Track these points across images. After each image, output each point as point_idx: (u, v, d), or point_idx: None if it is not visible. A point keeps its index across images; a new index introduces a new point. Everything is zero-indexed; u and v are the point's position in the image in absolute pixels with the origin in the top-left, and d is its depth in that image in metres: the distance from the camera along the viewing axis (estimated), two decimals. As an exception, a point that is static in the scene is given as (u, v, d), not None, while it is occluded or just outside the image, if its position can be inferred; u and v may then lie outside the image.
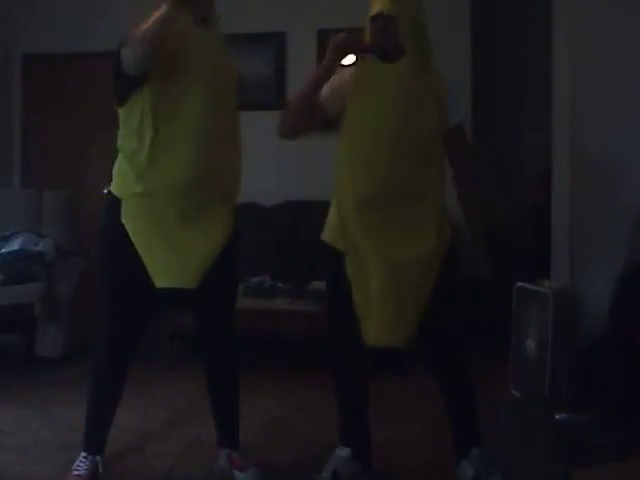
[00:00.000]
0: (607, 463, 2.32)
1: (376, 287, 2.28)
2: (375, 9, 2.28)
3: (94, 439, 2.47)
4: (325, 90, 2.39)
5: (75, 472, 2.41)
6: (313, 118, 2.38)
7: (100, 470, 2.44)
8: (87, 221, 4.64)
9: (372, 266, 2.29)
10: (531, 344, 3.40)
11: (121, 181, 2.32)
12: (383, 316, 2.28)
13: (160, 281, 2.25)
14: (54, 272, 4.10)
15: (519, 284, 3.56)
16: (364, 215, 2.30)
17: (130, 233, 2.26)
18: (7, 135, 5.39)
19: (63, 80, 5.31)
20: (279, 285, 4.25)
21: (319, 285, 4.15)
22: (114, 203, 2.31)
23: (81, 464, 2.43)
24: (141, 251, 2.25)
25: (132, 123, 2.26)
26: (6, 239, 4.19)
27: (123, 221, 2.27)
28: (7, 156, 5.39)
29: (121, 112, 2.31)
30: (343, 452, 2.48)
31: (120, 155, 2.35)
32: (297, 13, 5.02)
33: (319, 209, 4.70)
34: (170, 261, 2.25)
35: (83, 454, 2.45)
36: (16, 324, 4.11)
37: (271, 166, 4.98)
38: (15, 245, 4.13)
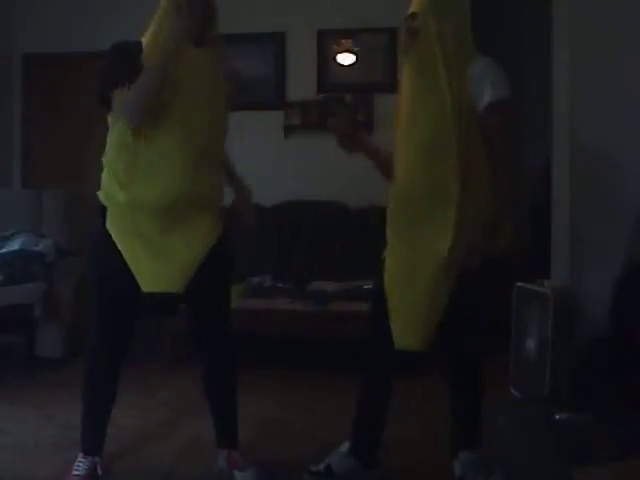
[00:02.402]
0: (607, 463, 2.32)
1: (396, 289, 2.32)
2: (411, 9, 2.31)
3: (90, 440, 2.47)
4: None
5: (75, 472, 2.41)
6: None
7: (99, 472, 2.44)
8: (87, 221, 4.64)
9: (395, 267, 2.33)
10: (531, 344, 3.40)
11: (105, 190, 2.35)
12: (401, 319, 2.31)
13: (146, 285, 2.28)
14: (54, 272, 4.10)
15: (519, 284, 3.56)
16: (396, 214, 2.36)
17: (115, 240, 2.30)
18: (7, 135, 5.39)
19: (63, 80, 5.31)
20: (279, 285, 4.25)
21: (319, 285, 4.16)
22: (100, 209, 2.36)
23: (80, 464, 2.43)
24: (127, 257, 2.28)
25: (113, 136, 2.32)
26: (6, 239, 4.19)
27: (108, 227, 2.31)
28: (7, 156, 5.39)
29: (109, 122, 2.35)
30: (343, 447, 2.48)
31: (105, 165, 2.37)
32: (297, 13, 5.02)
33: (319, 209, 4.78)
34: (155, 266, 2.28)
35: (81, 454, 2.46)
36: (16, 324, 4.12)
37: (271, 166, 4.98)
38: (15, 245, 4.13)
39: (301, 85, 5.04)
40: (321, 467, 2.44)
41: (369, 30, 4.91)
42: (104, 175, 2.36)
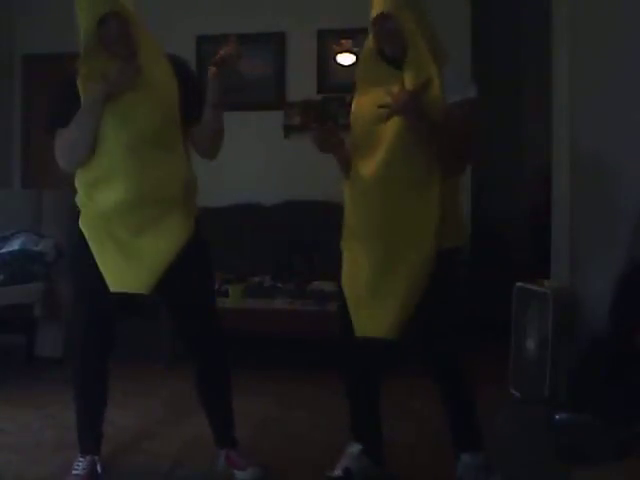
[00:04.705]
0: (607, 463, 2.32)
1: (365, 278, 2.31)
2: (375, 10, 2.24)
3: (86, 440, 2.48)
4: None
5: (74, 472, 2.42)
6: None
7: (99, 470, 2.45)
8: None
9: (363, 256, 2.32)
10: (531, 344, 3.40)
11: (78, 197, 2.38)
12: (369, 307, 2.30)
13: (113, 285, 2.29)
14: (54, 272, 4.10)
15: (519, 284, 3.56)
16: (369, 206, 2.32)
17: (87, 240, 2.32)
18: (7, 135, 5.39)
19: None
20: (279, 285, 4.25)
21: (319, 285, 4.16)
22: (75, 210, 2.38)
23: (79, 464, 2.44)
24: (96, 257, 2.30)
25: None
26: (6, 239, 4.19)
27: (81, 228, 2.33)
28: (7, 156, 5.39)
29: None
30: (354, 448, 2.47)
31: (75, 176, 2.40)
32: (297, 13, 5.02)
33: (319, 209, 4.77)
34: (123, 267, 2.28)
35: (79, 454, 2.47)
36: (16, 324, 4.12)
37: (271, 166, 4.99)
38: (15, 245, 4.13)
39: (301, 85, 5.04)
40: (339, 472, 2.41)
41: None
42: (76, 184, 2.40)
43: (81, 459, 2.45)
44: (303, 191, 4.80)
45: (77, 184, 2.37)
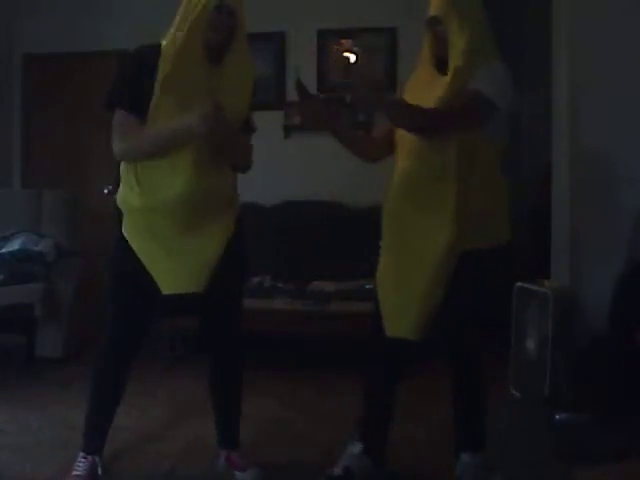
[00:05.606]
0: (607, 463, 2.32)
1: (390, 277, 2.33)
2: (429, 12, 2.26)
3: (93, 439, 2.47)
4: None
5: (75, 472, 2.41)
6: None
7: (99, 472, 2.44)
8: (87, 221, 4.65)
9: (388, 256, 2.35)
10: (531, 344, 3.40)
11: (120, 195, 2.35)
12: (396, 306, 2.31)
13: (166, 287, 2.27)
14: (54, 272, 4.10)
15: (519, 284, 3.56)
16: (397, 201, 2.35)
17: (131, 243, 2.30)
18: (7, 135, 5.39)
19: (63, 80, 5.31)
20: (279, 285, 4.25)
21: (319, 285, 4.16)
22: (117, 213, 2.36)
23: (80, 464, 2.42)
24: (144, 260, 2.28)
25: None
26: (6, 239, 4.19)
27: (124, 233, 2.31)
28: (7, 156, 5.39)
29: None
30: (355, 448, 2.47)
31: (121, 171, 2.37)
32: (297, 13, 5.02)
33: (319, 209, 4.77)
34: (174, 268, 2.27)
35: (82, 454, 2.45)
36: (16, 324, 4.11)
37: (271, 166, 4.98)
38: (15, 245, 4.13)
39: (301, 85, 5.03)
40: (339, 471, 2.41)
41: (369, 30, 4.91)
42: (121, 181, 2.37)
43: (83, 459, 2.44)
44: (303, 191, 4.79)
45: (124, 179, 2.33)
